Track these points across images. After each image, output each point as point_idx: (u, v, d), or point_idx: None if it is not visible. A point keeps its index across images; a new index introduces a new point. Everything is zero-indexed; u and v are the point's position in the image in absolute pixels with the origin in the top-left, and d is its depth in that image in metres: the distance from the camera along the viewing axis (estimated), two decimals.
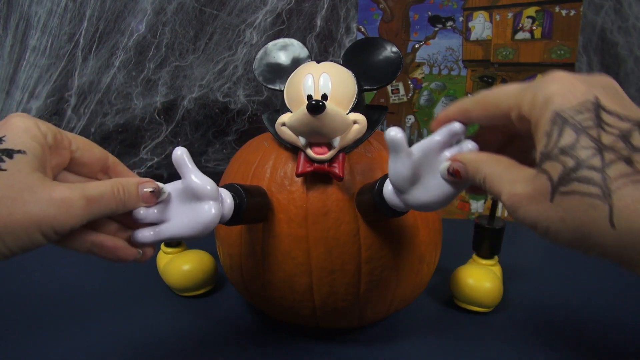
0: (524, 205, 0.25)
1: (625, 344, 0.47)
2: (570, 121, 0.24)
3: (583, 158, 0.23)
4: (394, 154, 0.30)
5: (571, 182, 0.23)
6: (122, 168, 0.34)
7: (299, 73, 0.41)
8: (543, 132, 0.24)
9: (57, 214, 0.27)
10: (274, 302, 0.44)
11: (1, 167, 0.26)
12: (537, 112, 0.25)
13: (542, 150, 0.24)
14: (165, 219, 0.33)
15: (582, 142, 0.23)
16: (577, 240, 0.24)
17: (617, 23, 0.74)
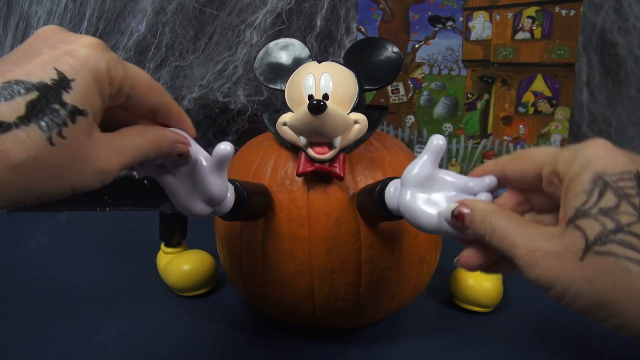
0: (546, 261, 0.24)
1: (625, 344, 0.47)
2: (613, 185, 0.23)
3: (624, 223, 0.22)
4: (426, 154, 0.31)
5: (609, 243, 0.22)
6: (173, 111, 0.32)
7: (300, 73, 0.41)
8: (581, 189, 0.24)
9: (93, 182, 0.26)
10: (274, 302, 0.44)
11: (62, 133, 0.23)
12: (576, 170, 0.24)
13: (578, 206, 0.24)
14: (173, 172, 0.32)
15: (623, 207, 0.23)
16: (598, 305, 0.23)
17: (617, 23, 0.74)
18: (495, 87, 0.74)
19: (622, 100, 0.77)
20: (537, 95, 0.74)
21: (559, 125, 0.75)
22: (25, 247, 0.66)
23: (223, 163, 0.32)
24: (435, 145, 0.31)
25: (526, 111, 0.75)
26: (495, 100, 0.75)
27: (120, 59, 0.27)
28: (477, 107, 0.75)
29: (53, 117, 0.23)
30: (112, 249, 0.65)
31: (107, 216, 0.79)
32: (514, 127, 0.75)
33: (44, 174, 0.23)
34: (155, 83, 0.30)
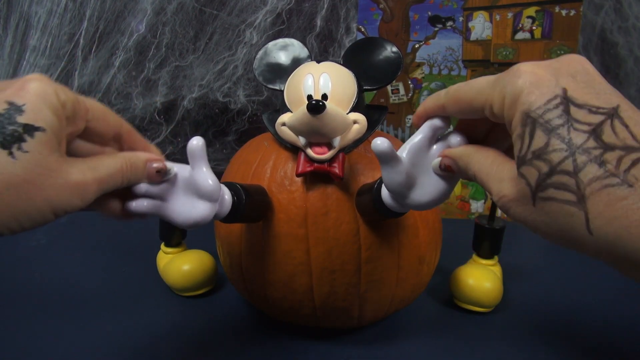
0: (512, 206, 0.25)
1: (625, 344, 0.47)
2: (540, 121, 0.23)
3: (556, 162, 0.22)
4: (384, 164, 0.30)
5: (548, 188, 0.23)
6: (136, 137, 0.33)
7: (299, 73, 0.41)
8: (516, 135, 0.24)
9: (71, 198, 0.27)
10: (274, 302, 0.44)
11: (22, 147, 0.24)
12: (508, 113, 0.24)
13: (517, 154, 0.24)
14: (163, 197, 0.33)
15: (553, 144, 0.22)
16: (564, 243, 0.23)
17: (617, 23, 0.74)
18: None
19: None
20: None
21: None
22: (25, 247, 0.66)
23: (199, 156, 0.32)
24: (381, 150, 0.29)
25: None
26: None
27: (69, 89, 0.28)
28: None
29: (9, 136, 0.24)
30: (112, 249, 0.65)
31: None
32: None
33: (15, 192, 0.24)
34: (110, 110, 0.32)
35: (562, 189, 0.22)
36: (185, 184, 0.33)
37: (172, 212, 0.33)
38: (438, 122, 0.30)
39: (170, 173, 0.33)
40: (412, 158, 0.31)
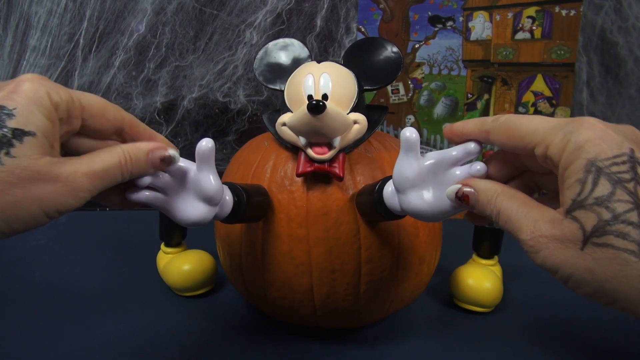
0: (549, 248, 0.24)
1: (626, 344, 0.47)
2: (606, 172, 0.23)
3: (620, 212, 0.22)
4: (404, 153, 0.31)
5: (606, 235, 0.23)
6: (139, 128, 0.32)
7: (299, 73, 0.41)
8: (575, 179, 0.24)
9: (62, 198, 0.26)
10: (274, 302, 0.43)
11: (10, 152, 0.25)
12: (568, 157, 0.24)
13: (574, 197, 0.24)
14: (165, 190, 0.33)
15: (618, 195, 0.23)
16: (601, 293, 0.24)
17: (617, 23, 0.74)
18: (495, 87, 0.74)
19: (622, 100, 0.77)
20: (537, 95, 0.74)
21: None
22: (25, 247, 0.66)
23: (207, 158, 0.32)
24: (409, 140, 0.30)
25: (526, 111, 0.75)
26: (495, 100, 0.75)
27: (65, 87, 0.28)
28: (477, 107, 0.75)
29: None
30: (112, 249, 0.65)
31: (107, 216, 0.79)
32: None
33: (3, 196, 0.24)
34: (110, 103, 0.31)
35: (623, 237, 0.22)
36: (189, 182, 0.33)
37: (172, 208, 0.33)
38: (474, 148, 0.29)
39: (175, 160, 0.31)
40: (432, 166, 0.30)
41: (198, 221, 0.33)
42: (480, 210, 0.28)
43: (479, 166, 0.29)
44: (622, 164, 0.23)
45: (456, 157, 0.30)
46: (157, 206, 0.33)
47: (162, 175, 0.32)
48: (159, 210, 0.33)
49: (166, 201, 0.33)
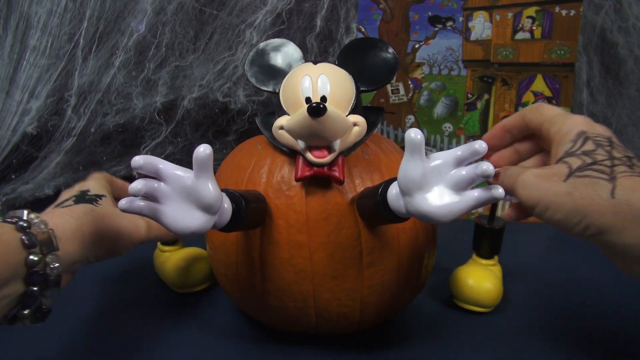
0: (537, 182, 0.32)
1: (626, 344, 0.47)
2: (592, 138, 0.33)
3: (599, 159, 0.31)
4: (409, 154, 0.30)
5: (587, 170, 0.31)
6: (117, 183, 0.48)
7: (296, 74, 0.40)
8: (569, 139, 0.33)
9: (131, 231, 0.41)
10: (274, 311, 0.43)
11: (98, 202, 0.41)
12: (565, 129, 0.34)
13: (566, 150, 0.33)
14: (160, 200, 0.32)
15: (599, 151, 0.32)
16: (574, 211, 0.30)
17: (617, 23, 0.74)
18: (495, 87, 0.74)
19: (622, 100, 0.77)
20: (537, 95, 0.74)
21: None
22: None
23: (205, 165, 0.30)
24: (414, 141, 0.30)
25: None
26: (495, 100, 0.75)
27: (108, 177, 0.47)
28: (477, 107, 0.75)
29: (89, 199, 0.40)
30: None
31: None
32: None
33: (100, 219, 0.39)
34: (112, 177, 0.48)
35: (599, 171, 0.30)
36: (186, 190, 0.31)
37: (167, 218, 0.31)
38: (480, 149, 0.30)
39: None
40: (438, 166, 0.31)
41: (197, 230, 0.31)
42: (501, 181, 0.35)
43: (484, 166, 0.29)
44: (602, 138, 0.33)
45: (462, 157, 0.30)
46: (152, 217, 0.32)
47: (157, 184, 0.31)
48: (154, 220, 0.32)
49: (160, 211, 0.31)
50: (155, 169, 0.31)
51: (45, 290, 0.33)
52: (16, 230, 0.32)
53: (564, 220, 0.31)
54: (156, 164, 0.31)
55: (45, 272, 0.32)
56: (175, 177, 0.31)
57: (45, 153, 0.78)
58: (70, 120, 0.77)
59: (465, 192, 0.31)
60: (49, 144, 0.77)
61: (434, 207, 0.30)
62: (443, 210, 0.30)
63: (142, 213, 0.31)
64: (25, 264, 0.32)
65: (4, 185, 0.78)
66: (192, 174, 0.31)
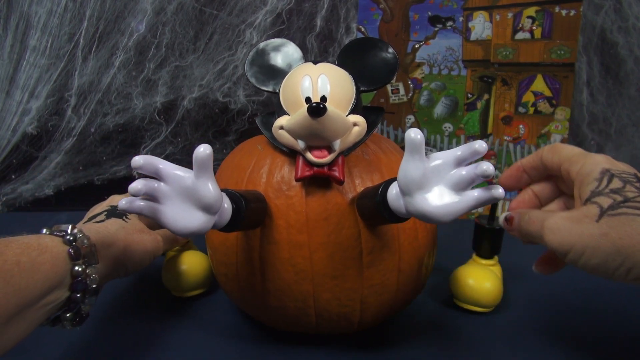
0: (567, 226, 0.30)
1: (626, 344, 0.47)
2: (618, 175, 0.31)
3: (631, 196, 0.29)
4: (409, 154, 0.30)
5: (620, 208, 0.29)
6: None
7: (296, 74, 0.40)
8: (593, 178, 0.31)
9: (153, 246, 0.45)
10: (273, 311, 0.43)
11: (125, 218, 0.44)
12: (587, 168, 0.32)
13: (592, 189, 0.31)
14: (160, 200, 0.32)
15: (628, 188, 0.30)
16: (614, 254, 0.28)
17: (617, 23, 0.74)
18: (495, 87, 0.74)
19: (622, 100, 0.77)
20: (537, 95, 0.74)
21: (559, 125, 0.75)
22: None
23: (206, 165, 0.30)
24: (414, 141, 0.30)
25: (526, 111, 0.75)
26: (495, 100, 0.75)
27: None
28: (477, 107, 0.75)
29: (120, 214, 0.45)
30: None
31: None
32: (514, 127, 0.75)
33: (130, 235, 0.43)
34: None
35: (635, 207, 0.29)
36: (186, 190, 0.31)
37: (167, 218, 0.32)
38: (480, 148, 0.30)
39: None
40: (438, 166, 0.31)
41: (197, 230, 0.31)
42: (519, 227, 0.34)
43: (484, 166, 0.29)
44: (628, 174, 0.31)
45: (462, 157, 0.30)
46: (152, 217, 0.32)
47: (157, 184, 0.31)
48: (153, 220, 0.32)
49: (159, 210, 0.32)
50: (155, 169, 0.31)
51: (85, 298, 0.36)
52: (63, 244, 0.35)
53: (603, 264, 0.29)
54: (156, 164, 0.31)
55: (86, 282, 0.36)
56: (176, 177, 0.32)
57: (45, 153, 0.78)
58: (70, 120, 0.77)
59: (465, 192, 0.30)
60: (49, 144, 0.77)
61: (434, 207, 0.30)
62: (443, 210, 0.30)
63: (142, 213, 0.31)
64: (70, 273, 0.35)
65: (4, 185, 0.78)
66: (192, 174, 0.31)
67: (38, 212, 0.78)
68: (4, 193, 0.78)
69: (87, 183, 0.80)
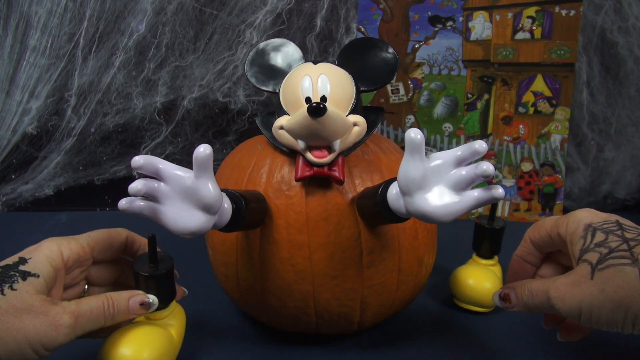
0: (569, 291, 0.32)
1: (626, 344, 0.47)
2: (599, 228, 0.33)
3: (614, 246, 0.31)
4: (409, 154, 0.30)
5: (607, 260, 0.30)
6: (136, 246, 0.42)
7: (296, 74, 0.40)
8: (578, 238, 0.33)
9: (46, 331, 0.31)
10: (273, 311, 0.43)
11: (13, 286, 0.32)
12: (571, 227, 0.34)
13: (580, 248, 0.33)
14: (160, 200, 0.32)
15: (611, 238, 0.32)
16: (616, 308, 0.29)
17: (617, 23, 0.74)
18: (495, 87, 0.74)
19: (622, 100, 0.77)
20: (537, 95, 0.74)
21: (559, 125, 0.75)
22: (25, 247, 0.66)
23: (206, 165, 0.31)
24: (414, 141, 0.30)
25: (526, 111, 0.75)
26: (495, 100, 0.75)
27: (78, 238, 0.38)
28: (477, 107, 0.75)
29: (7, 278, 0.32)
30: None
31: (107, 216, 0.79)
32: (514, 127, 0.75)
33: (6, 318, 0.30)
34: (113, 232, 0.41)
35: (619, 257, 0.30)
36: (186, 190, 0.31)
37: (167, 218, 0.32)
38: (480, 148, 0.30)
39: (154, 305, 0.37)
40: (438, 166, 0.31)
41: (197, 231, 0.31)
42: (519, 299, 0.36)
43: (485, 166, 0.29)
44: (610, 224, 0.33)
45: (462, 157, 0.30)
46: (152, 217, 0.32)
47: (157, 184, 0.32)
48: (153, 220, 0.32)
49: (159, 211, 0.32)
50: (155, 169, 0.31)
51: None
52: None
53: (611, 320, 0.30)
54: (156, 164, 0.31)
55: None
56: (176, 177, 0.32)
57: (45, 153, 0.78)
58: (70, 120, 0.77)
59: (465, 192, 0.30)
60: (49, 144, 0.77)
61: (434, 207, 0.30)
62: (443, 211, 0.30)
63: (142, 213, 0.32)
64: None
65: (4, 185, 0.78)
66: (192, 174, 0.31)
67: (38, 212, 0.78)
68: (4, 193, 0.78)
69: (87, 183, 0.80)
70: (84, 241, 0.37)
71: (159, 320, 0.39)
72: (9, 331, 0.30)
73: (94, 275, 0.40)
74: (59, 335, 0.32)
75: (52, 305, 0.32)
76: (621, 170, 0.79)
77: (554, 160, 0.76)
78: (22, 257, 0.34)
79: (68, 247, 0.36)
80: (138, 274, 0.37)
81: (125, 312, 0.36)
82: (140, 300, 0.36)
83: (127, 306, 0.36)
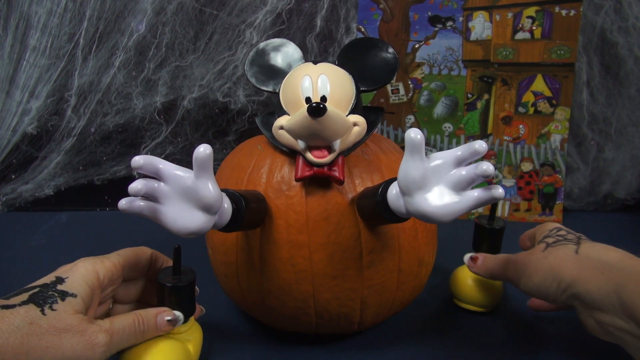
0: (522, 258, 0.42)
1: None
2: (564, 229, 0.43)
3: (570, 238, 0.41)
4: (409, 154, 0.30)
5: (560, 242, 0.41)
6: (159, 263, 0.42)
7: (296, 74, 0.40)
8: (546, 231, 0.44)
9: (83, 351, 0.32)
10: (273, 311, 0.43)
11: (52, 307, 0.32)
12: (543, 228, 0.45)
13: (544, 235, 0.43)
14: (160, 200, 0.32)
15: (570, 234, 0.42)
16: (550, 270, 0.39)
17: (617, 23, 0.74)
18: (495, 87, 0.74)
19: (622, 100, 0.77)
20: (537, 95, 0.74)
21: (559, 125, 0.75)
22: (25, 247, 0.66)
23: (206, 165, 0.31)
24: (414, 141, 0.30)
25: (526, 111, 0.75)
26: (495, 100, 0.75)
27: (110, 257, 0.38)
28: (477, 107, 0.75)
29: (47, 298, 0.32)
30: (112, 249, 0.65)
31: (107, 216, 0.79)
32: (514, 127, 0.75)
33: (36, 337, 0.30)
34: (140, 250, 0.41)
35: (568, 240, 0.41)
36: (186, 190, 0.31)
37: (167, 218, 0.32)
38: (480, 148, 0.30)
39: (180, 320, 0.37)
40: (438, 166, 0.31)
41: (197, 231, 0.32)
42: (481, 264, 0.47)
43: (485, 166, 0.29)
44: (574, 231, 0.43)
45: (462, 157, 0.30)
46: (152, 217, 0.32)
47: (157, 184, 0.32)
48: (153, 220, 0.32)
49: (159, 210, 0.32)
50: (155, 169, 0.31)
51: None
52: None
53: (544, 281, 0.39)
54: (156, 164, 0.31)
55: None
56: (176, 177, 0.32)
57: (45, 153, 0.78)
58: (70, 120, 0.77)
59: (465, 192, 0.30)
60: (49, 144, 0.77)
61: (434, 207, 0.30)
62: (443, 211, 0.30)
63: (142, 213, 0.32)
64: None
65: (4, 185, 0.78)
66: (192, 174, 0.31)
67: (38, 212, 0.78)
68: (4, 193, 0.78)
69: (87, 183, 0.80)
70: (115, 260, 0.38)
71: (177, 334, 0.39)
72: (48, 350, 0.30)
73: (120, 293, 0.40)
74: (95, 354, 0.32)
75: (89, 324, 0.33)
76: (621, 170, 0.79)
77: (554, 160, 0.76)
78: (58, 276, 0.35)
79: (103, 266, 0.37)
80: (163, 285, 0.37)
81: (154, 329, 0.36)
82: (167, 316, 0.37)
83: (155, 323, 0.36)
